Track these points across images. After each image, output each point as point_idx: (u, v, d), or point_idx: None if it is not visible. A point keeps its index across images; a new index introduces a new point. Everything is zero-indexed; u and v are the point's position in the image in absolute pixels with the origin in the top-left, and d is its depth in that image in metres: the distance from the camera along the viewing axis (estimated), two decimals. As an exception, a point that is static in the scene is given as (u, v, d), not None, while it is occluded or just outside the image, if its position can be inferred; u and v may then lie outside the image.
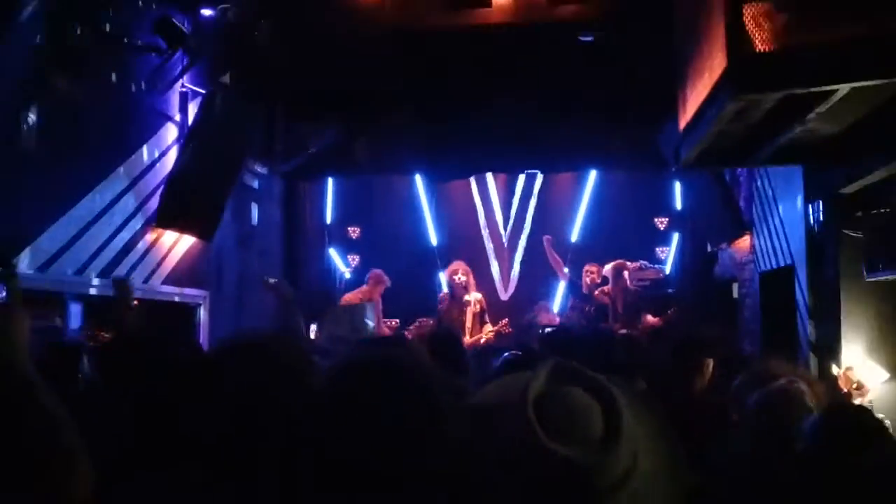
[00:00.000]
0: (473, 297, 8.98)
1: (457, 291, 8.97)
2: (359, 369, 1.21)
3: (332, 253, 10.61)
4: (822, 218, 5.72)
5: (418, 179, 10.63)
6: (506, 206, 10.79)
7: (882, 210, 5.14)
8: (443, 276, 10.09)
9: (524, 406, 1.10)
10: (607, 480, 1.08)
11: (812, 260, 5.89)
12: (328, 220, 10.70)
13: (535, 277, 10.38)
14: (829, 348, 5.52)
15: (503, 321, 9.07)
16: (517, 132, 9.07)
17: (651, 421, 1.21)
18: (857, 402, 4.90)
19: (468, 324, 8.79)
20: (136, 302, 5.58)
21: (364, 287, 9.02)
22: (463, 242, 10.62)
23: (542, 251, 10.23)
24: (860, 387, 5.04)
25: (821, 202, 5.73)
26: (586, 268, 9.10)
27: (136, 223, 6.29)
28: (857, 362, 5.24)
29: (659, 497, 1.14)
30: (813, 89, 3.81)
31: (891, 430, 2.80)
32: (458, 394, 1.23)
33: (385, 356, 1.25)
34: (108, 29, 5.84)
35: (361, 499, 1.09)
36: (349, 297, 8.89)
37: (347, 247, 10.68)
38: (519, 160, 9.75)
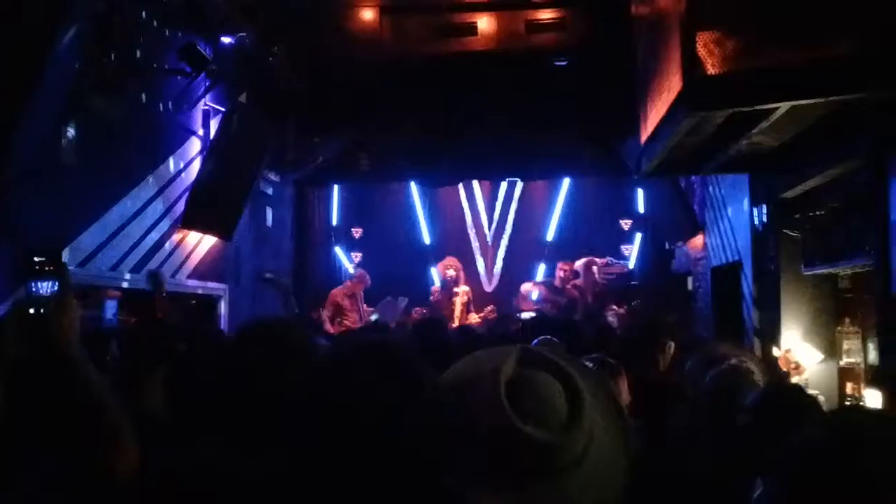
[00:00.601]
0: (462, 289, 9.07)
1: (447, 284, 9.05)
2: (350, 350, 1.22)
3: (338, 251, 10.60)
4: (765, 219, 5.74)
5: (413, 186, 10.62)
6: (490, 210, 10.81)
7: (817, 213, 5.16)
8: (434, 271, 10.10)
9: (497, 390, 1.10)
10: (569, 458, 1.09)
11: (756, 256, 5.91)
12: (334, 221, 10.69)
13: (516, 272, 10.40)
14: (771, 333, 5.54)
15: (489, 307, 9.11)
16: (500, 145, 9.10)
17: (603, 399, 1.21)
18: (794, 380, 4.92)
19: (457, 312, 8.88)
20: (165, 293, 5.57)
21: (348, 282, 9.22)
22: (452, 241, 10.64)
23: (522, 249, 10.28)
24: (798, 367, 5.05)
25: (764, 206, 5.74)
26: (559, 265, 9.11)
27: (164, 225, 6.26)
28: (795, 345, 5.25)
29: (610, 468, 1.14)
30: (757, 107, 3.83)
31: (823, 406, 2.81)
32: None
33: (374, 339, 1.26)
34: (138, 55, 5.80)
35: (354, 464, 1.08)
36: (337, 291, 8.97)
37: (351, 245, 10.67)
38: (501, 169, 9.79)
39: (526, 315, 7.59)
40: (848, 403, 5.05)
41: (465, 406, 1.13)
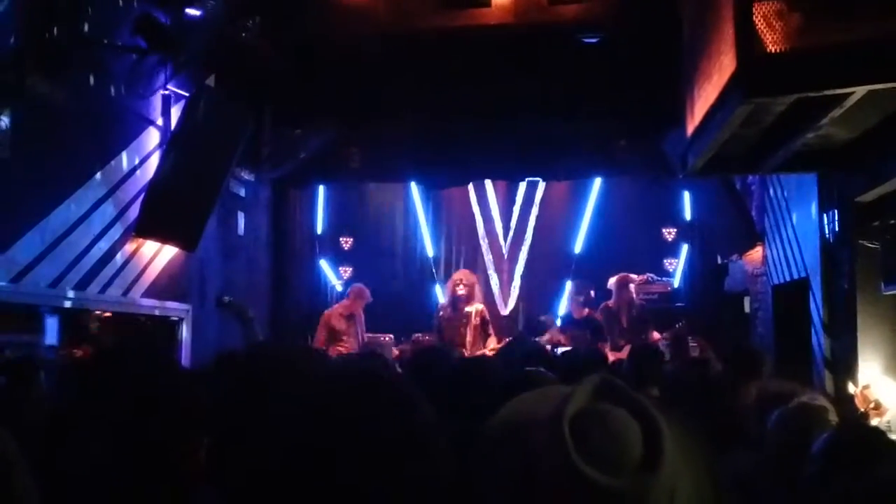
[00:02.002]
0: (475, 308, 8.81)
1: (458, 303, 8.83)
2: (335, 381, 1.21)
3: (323, 264, 10.59)
4: (837, 228, 5.72)
5: (414, 187, 10.62)
6: (506, 216, 10.78)
7: (901, 219, 5.14)
8: (439, 289, 10.08)
9: (560, 423, 1.07)
10: None
11: (827, 272, 5.88)
12: (319, 229, 10.68)
13: (537, 292, 10.36)
14: (845, 365, 5.50)
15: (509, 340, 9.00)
16: (518, 137, 9.08)
17: (691, 444, 1.19)
18: (874, 422, 4.87)
19: (468, 337, 8.67)
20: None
21: (345, 301, 9.01)
22: (460, 254, 10.63)
23: (544, 264, 10.25)
24: (878, 406, 5.01)
25: (836, 211, 5.72)
26: (572, 292, 9.01)
27: (115, 233, 6.26)
28: (874, 380, 5.22)
29: None
30: (827, 92, 3.81)
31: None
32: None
33: (361, 368, 1.26)
34: (86, 29, 5.83)
35: None
36: (329, 313, 8.88)
37: (339, 258, 10.65)
38: (519, 167, 9.75)
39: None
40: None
41: (518, 445, 1.11)
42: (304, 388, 1.27)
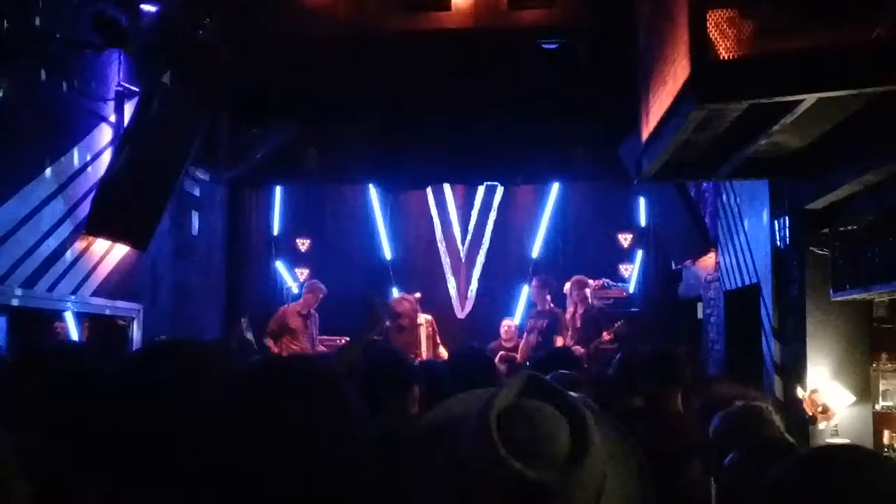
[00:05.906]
0: (423, 318, 8.94)
1: (403, 321, 8.85)
2: (261, 372, 1.20)
3: (279, 266, 10.50)
4: (787, 235, 5.79)
5: (372, 189, 10.58)
6: (464, 220, 10.78)
7: (849, 227, 5.20)
8: (396, 293, 10.05)
9: (487, 418, 1.08)
10: None
11: (777, 278, 5.94)
12: (275, 231, 10.60)
13: (494, 296, 10.37)
14: (795, 370, 5.56)
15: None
16: (476, 141, 9.10)
17: (622, 444, 1.20)
18: (822, 425, 4.95)
19: (423, 345, 8.75)
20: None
21: (301, 300, 9.03)
22: (418, 257, 10.60)
23: (502, 268, 10.27)
24: (825, 410, 5.08)
25: (787, 218, 5.79)
26: (536, 284, 9.11)
27: (65, 230, 6.16)
28: (822, 385, 5.28)
29: None
30: (778, 99, 3.84)
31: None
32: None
33: (289, 361, 1.25)
34: (37, 22, 5.73)
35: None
36: (287, 309, 8.86)
37: (295, 260, 10.57)
38: (478, 171, 9.78)
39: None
40: (885, 455, 5.09)
41: (450, 442, 1.13)
42: (221, 383, 1.25)
